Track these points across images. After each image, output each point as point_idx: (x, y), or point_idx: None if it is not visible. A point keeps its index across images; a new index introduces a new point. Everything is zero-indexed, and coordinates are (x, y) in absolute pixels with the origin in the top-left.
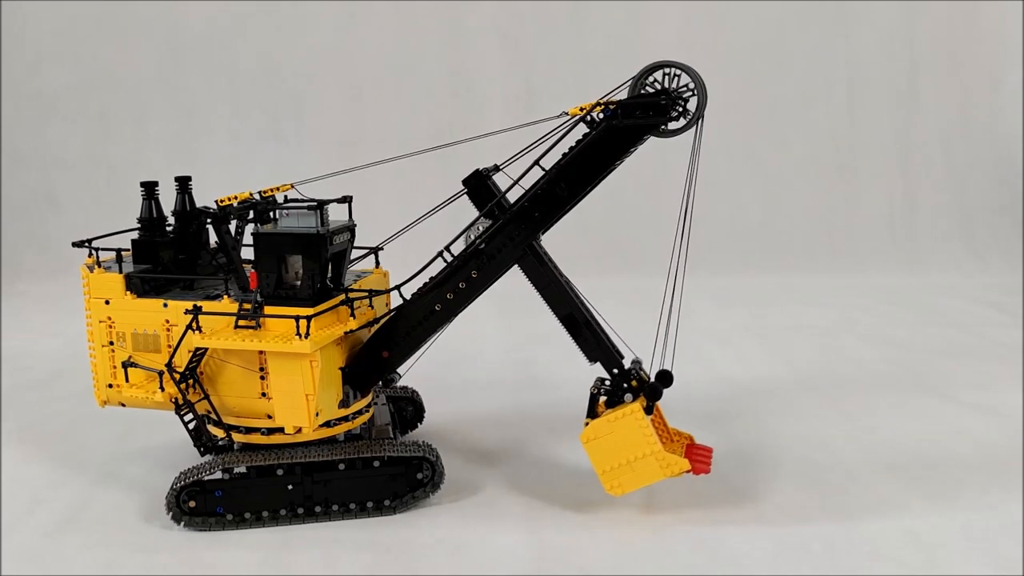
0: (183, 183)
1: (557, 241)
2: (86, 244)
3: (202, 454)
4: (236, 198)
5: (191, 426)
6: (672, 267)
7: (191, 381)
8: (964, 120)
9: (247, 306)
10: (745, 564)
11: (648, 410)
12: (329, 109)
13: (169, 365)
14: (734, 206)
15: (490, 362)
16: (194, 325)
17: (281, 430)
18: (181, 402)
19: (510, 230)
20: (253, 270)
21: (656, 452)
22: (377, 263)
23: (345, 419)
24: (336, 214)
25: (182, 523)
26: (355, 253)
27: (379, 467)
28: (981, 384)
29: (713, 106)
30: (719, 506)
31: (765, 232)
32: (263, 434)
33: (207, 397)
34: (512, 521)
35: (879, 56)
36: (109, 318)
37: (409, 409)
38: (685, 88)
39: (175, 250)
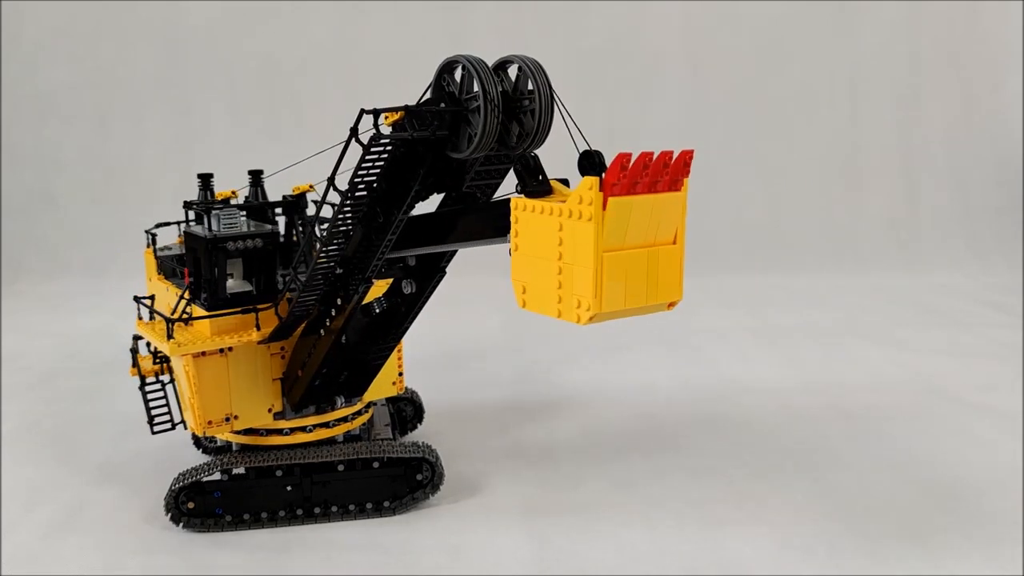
0: (256, 176)
1: None
2: (157, 229)
3: (153, 433)
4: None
5: (151, 404)
6: None
7: (165, 365)
8: (966, 120)
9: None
10: (746, 564)
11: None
12: (329, 109)
13: (150, 347)
14: (735, 205)
15: (490, 362)
16: (140, 313)
17: (280, 431)
18: (146, 380)
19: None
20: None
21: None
22: None
23: (344, 420)
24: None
25: (181, 524)
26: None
27: (378, 468)
28: (982, 384)
29: (714, 105)
30: (719, 506)
31: (766, 231)
32: (262, 435)
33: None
34: (512, 521)
35: (881, 56)
36: (152, 296)
37: (409, 409)
38: (472, 99)
39: None
